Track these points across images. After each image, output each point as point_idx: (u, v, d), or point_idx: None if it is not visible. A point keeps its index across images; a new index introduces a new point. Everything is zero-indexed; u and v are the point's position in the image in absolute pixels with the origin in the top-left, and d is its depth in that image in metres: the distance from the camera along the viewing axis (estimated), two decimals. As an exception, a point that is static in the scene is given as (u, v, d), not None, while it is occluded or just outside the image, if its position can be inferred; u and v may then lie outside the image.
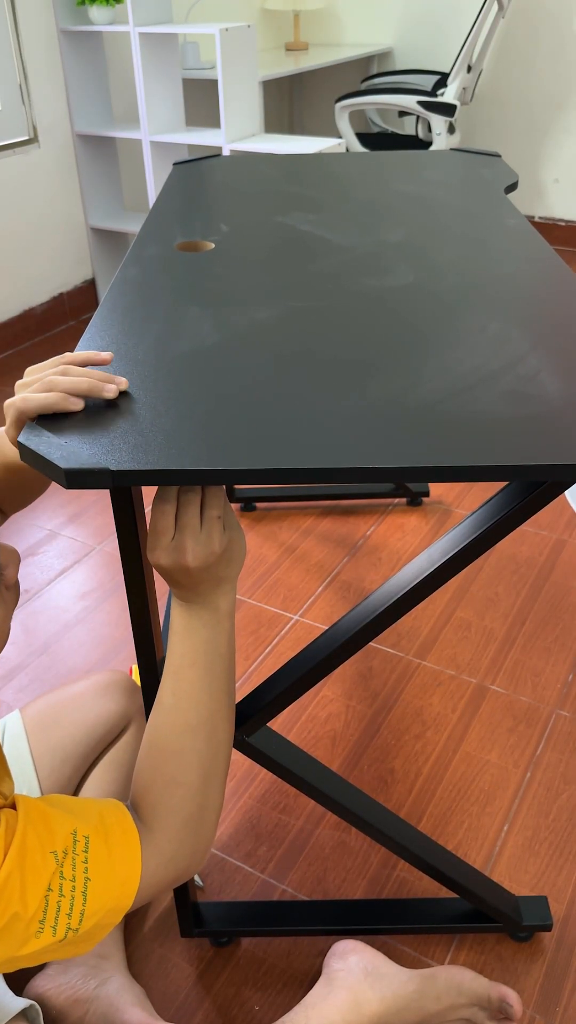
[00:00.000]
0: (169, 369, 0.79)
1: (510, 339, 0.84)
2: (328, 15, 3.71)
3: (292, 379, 0.76)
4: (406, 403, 0.72)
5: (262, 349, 0.83)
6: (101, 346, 0.84)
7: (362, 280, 1.00)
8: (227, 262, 1.07)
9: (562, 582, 1.71)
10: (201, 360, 0.80)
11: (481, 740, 1.38)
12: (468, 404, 0.71)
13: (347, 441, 0.66)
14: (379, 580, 1.73)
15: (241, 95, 2.74)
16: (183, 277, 1.02)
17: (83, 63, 2.82)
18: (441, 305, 0.92)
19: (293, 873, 1.19)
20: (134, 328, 0.88)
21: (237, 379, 0.77)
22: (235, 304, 0.93)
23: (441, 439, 0.66)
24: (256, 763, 1.07)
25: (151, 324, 0.89)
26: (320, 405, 0.72)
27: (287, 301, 0.94)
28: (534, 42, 3.35)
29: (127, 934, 1.13)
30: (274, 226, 1.20)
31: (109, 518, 1.97)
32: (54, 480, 0.64)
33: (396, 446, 0.65)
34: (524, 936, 1.11)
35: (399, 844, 1.02)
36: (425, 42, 3.55)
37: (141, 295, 0.97)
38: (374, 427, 0.68)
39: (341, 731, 1.41)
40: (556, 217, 3.63)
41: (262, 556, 1.82)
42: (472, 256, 1.07)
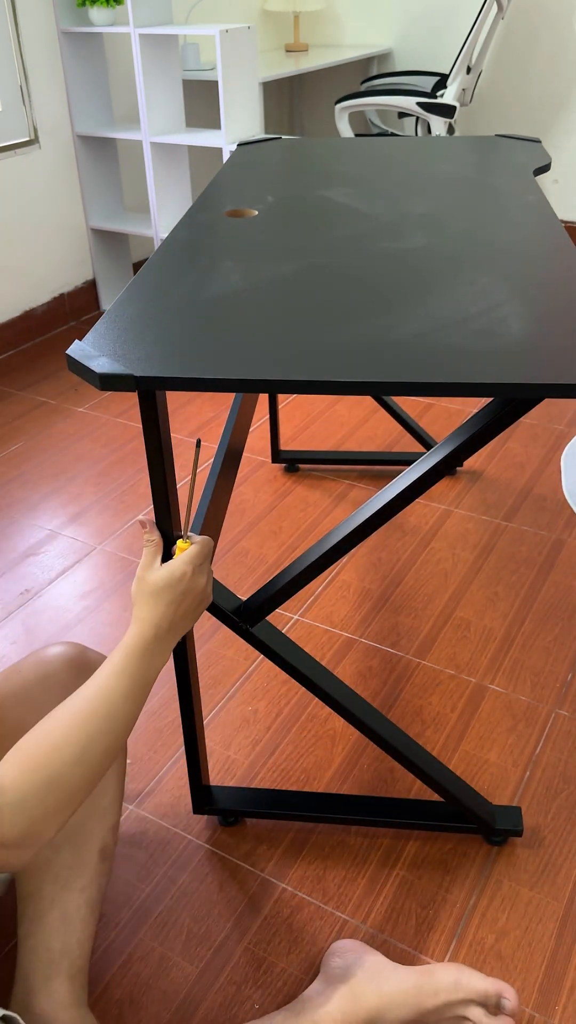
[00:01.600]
0: (198, 308, 0.94)
1: (494, 291, 0.95)
2: (328, 16, 3.71)
3: (299, 317, 0.90)
4: (390, 337, 0.85)
5: (278, 294, 0.96)
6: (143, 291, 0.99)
7: (379, 243, 1.11)
8: (265, 227, 1.20)
9: (561, 582, 1.72)
10: (226, 301, 0.95)
11: (480, 739, 1.38)
12: (442, 338, 0.84)
13: (334, 362, 0.80)
14: (379, 579, 1.74)
15: (241, 96, 2.75)
16: (224, 238, 1.16)
17: (83, 64, 2.83)
18: (443, 263, 1.04)
19: (293, 872, 1.20)
20: (174, 276, 1.04)
21: (253, 316, 0.91)
22: (264, 260, 1.07)
23: (413, 363, 0.79)
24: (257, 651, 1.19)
25: (189, 274, 1.04)
26: (318, 336, 0.85)
27: (309, 258, 1.07)
28: (533, 43, 3.36)
29: (125, 935, 1.13)
30: (314, 198, 1.32)
31: (109, 518, 1.97)
32: (90, 383, 0.82)
33: (375, 367, 0.79)
34: (499, 840, 1.21)
35: (384, 739, 1.13)
36: (425, 43, 3.55)
37: (186, 252, 1.12)
38: (359, 352, 0.82)
39: (341, 730, 1.41)
40: (556, 218, 3.63)
41: (262, 556, 1.82)
42: (486, 225, 1.17)
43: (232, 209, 1.28)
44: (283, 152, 1.64)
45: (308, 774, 1.34)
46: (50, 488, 2.11)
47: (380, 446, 2.21)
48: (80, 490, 2.09)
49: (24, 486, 2.12)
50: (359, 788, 1.31)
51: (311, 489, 2.04)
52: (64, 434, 2.35)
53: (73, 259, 3.05)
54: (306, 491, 2.03)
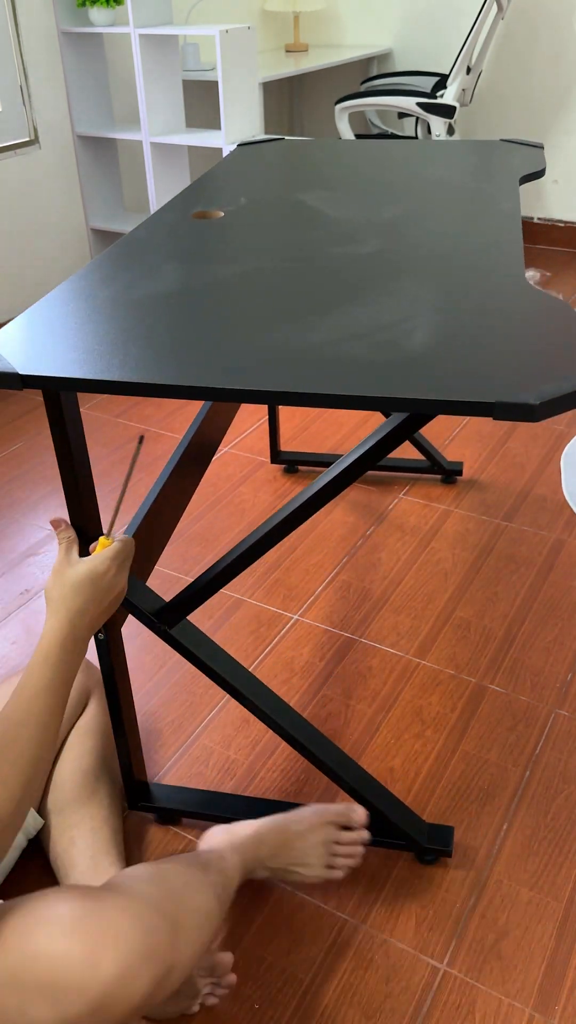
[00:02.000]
0: (120, 309, 0.94)
1: (417, 301, 0.93)
2: (328, 16, 3.72)
3: (215, 321, 0.90)
4: (294, 345, 0.84)
5: (206, 298, 0.97)
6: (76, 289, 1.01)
7: (331, 248, 1.10)
8: (225, 229, 1.20)
9: (561, 582, 1.72)
10: (150, 303, 0.96)
11: (480, 739, 1.38)
12: (345, 349, 0.83)
13: (227, 368, 0.80)
14: (379, 579, 1.74)
15: (241, 96, 2.75)
16: (179, 240, 1.16)
17: (83, 64, 2.83)
18: (384, 271, 1.02)
19: (293, 872, 1.20)
20: (111, 275, 1.04)
21: (169, 319, 0.91)
22: (208, 263, 1.07)
23: (305, 372, 0.79)
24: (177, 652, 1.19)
25: (127, 273, 1.05)
26: (226, 341, 0.85)
27: (254, 263, 1.06)
28: (533, 43, 3.36)
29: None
30: (288, 201, 1.32)
31: (109, 518, 1.97)
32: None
33: (273, 376, 0.78)
34: (430, 859, 1.20)
35: (304, 745, 1.13)
36: (425, 44, 3.55)
37: (135, 251, 1.12)
38: (257, 359, 0.82)
39: (341, 730, 1.41)
40: (555, 218, 3.63)
41: (262, 556, 1.82)
42: (446, 233, 1.15)
43: (199, 211, 1.28)
44: (279, 153, 1.64)
45: (308, 774, 1.34)
46: (50, 488, 2.11)
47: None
48: (80, 490, 2.09)
49: (24, 486, 2.12)
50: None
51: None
52: (64, 434, 2.35)
53: (73, 259, 3.05)
54: (306, 491, 2.03)
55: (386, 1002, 1.05)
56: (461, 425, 2.31)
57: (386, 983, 1.07)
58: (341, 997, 1.06)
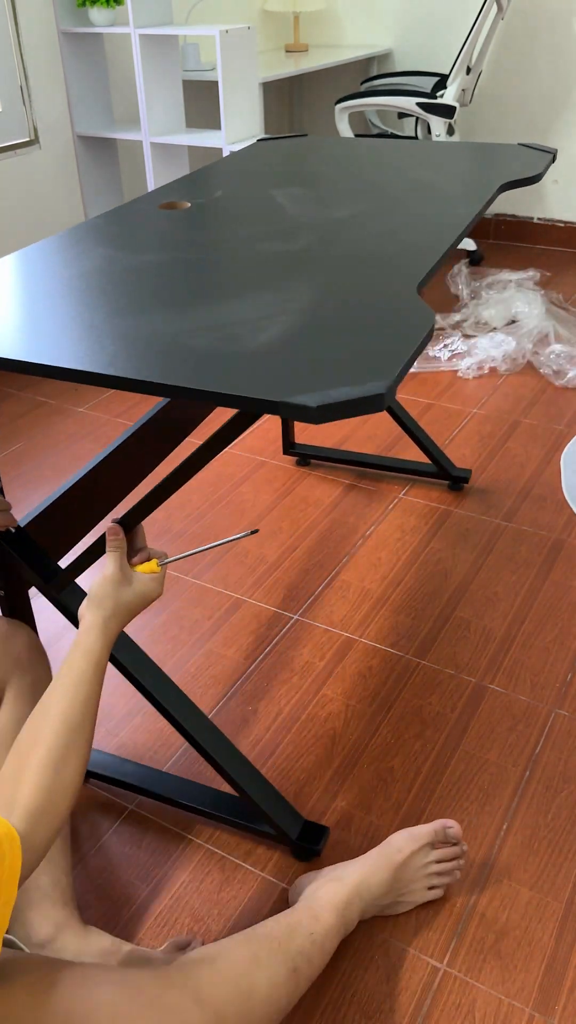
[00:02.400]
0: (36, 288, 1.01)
1: (290, 300, 0.95)
2: (328, 17, 3.72)
3: (101, 305, 0.95)
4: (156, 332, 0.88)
5: (109, 282, 1.02)
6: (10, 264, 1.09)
7: (264, 243, 1.14)
8: (181, 220, 1.23)
9: (561, 582, 1.72)
10: (59, 284, 1.02)
11: (480, 739, 1.38)
12: (192, 339, 0.86)
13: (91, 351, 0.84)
14: (379, 579, 1.74)
15: (241, 96, 2.75)
16: (129, 228, 1.20)
17: (84, 64, 2.83)
18: (287, 268, 1.05)
19: (294, 871, 1.20)
20: (44, 258, 1.10)
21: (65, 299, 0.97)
22: (139, 251, 1.11)
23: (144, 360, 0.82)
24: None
25: (59, 256, 1.10)
26: (103, 325, 0.90)
27: (180, 252, 1.11)
28: (533, 43, 3.36)
29: (125, 935, 1.13)
30: (258, 197, 1.34)
31: (109, 520, 1.97)
32: None
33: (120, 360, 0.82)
34: (302, 856, 1.21)
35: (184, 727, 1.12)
36: (424, 44, 3.55)
37: (82, 237, 1.17)
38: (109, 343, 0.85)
39: (341, 730, 1.41)
40: (555, 218, 3.63)
41: (262, 556, 1.82)
42: (382, 233, 1.17)
43: (167, 202, 1.31)
44: (292, 149, 1.65)
45: (308, 774, 1.34)
46: (50, 488, 2.11)
47: (382, 443, 2.22)
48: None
49: (24, 486, 2.12)
50: (358, 788, 1.31)
51: (311, 489, 2.04)
52: (64, 434, 2.35)
53: (73, 259, 3.05)
54: (306, 491, 2.04)
55: (386, 1002, 1.05)
56: (461, 425, 2.31)
57: (386, 983, 1.07)
58: (341, 997, 1.06)
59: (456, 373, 2.59)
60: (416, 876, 1.11)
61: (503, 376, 2.57)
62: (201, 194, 1.36)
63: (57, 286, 1.02)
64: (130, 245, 1.15)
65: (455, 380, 2.56)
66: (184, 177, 1.44)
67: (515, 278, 3.04)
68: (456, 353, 2.68)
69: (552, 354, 2.61)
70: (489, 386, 2.52)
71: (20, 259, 1.12)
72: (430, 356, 2.68)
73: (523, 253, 3.62)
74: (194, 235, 1.18)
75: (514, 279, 3.04)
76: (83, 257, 1.11)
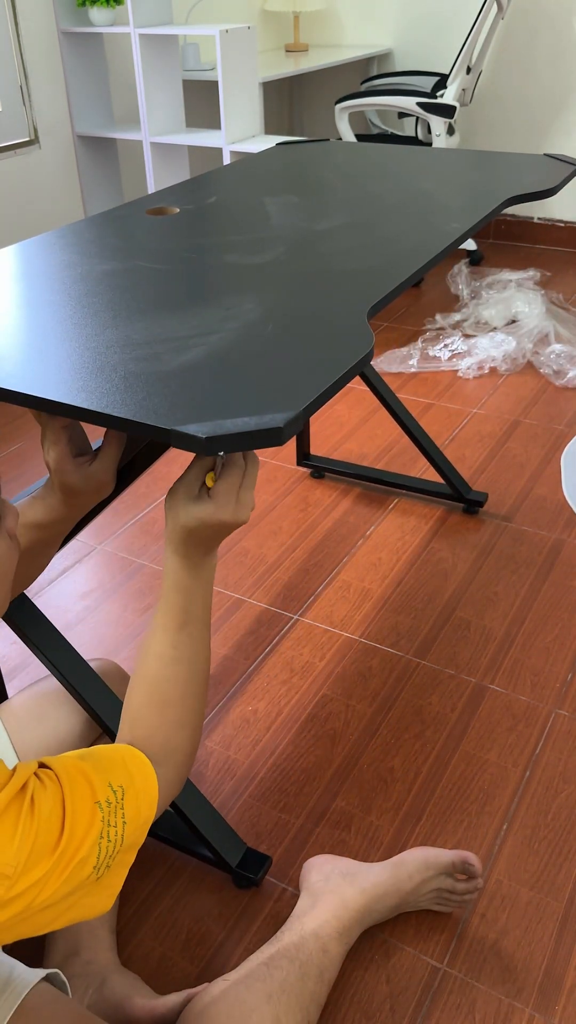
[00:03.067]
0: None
1: (231, 317, 0.92)
2: (328, 16, 3.71)
3: (43, 317, 0.94)
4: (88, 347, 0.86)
5: (61, 292, 1.01)
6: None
7: (232, 255, 1.11)
8: (162, 227, 1.23)
9: (561, 581, 1.72)
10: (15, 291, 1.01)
11: (480, 739, 1.38)
12: (116, 357, 0.84)
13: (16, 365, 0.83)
14: (379, 579, 1.74)
15: (241, 96, 2.75)
16: (108, 233, 1.20)
17: (84, 64, 2.83)
18: (248, 282, 1.02)
19: (294, 871, 1.20)
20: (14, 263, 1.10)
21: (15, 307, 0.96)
22: (101, 258, 1.11)
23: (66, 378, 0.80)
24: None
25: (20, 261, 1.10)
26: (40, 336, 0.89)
27: (141, 261, 1.09)
28: (533, 43, 3.36)
29: (125, 934, 1.13)
30: (249, 204, 1.33)
31: (110, 518, 1.97)
32: None
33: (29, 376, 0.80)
34: (243, 883, 1.17)
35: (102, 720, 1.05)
36: (425, 43, 3.55)
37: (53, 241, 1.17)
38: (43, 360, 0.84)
39: (341, 730, 1.41)
40: (555, 218, 3.63)
41: (262, 556, 1.82)
42: (358, 247, 1.14)
43: (155, 207, 1.29)
44: (304, 156, 1.64)
45: (308, 774, 1.34)
46: (50, 488, 2.11)
47: (380, 446, 2.21)
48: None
49: (24, 486, 2.12)
50: (359, 787, 1.31)
51: (311, 489, 2.04)
52: (64, 434, 2.35)
53: (73, 259, 3.05)
54: (306, 491, 2.04)
55: (386, 1002, 1.05)
56: (461, 425, 2.31)
57: (386, 983, 1.07)
58: (341, 997, 1.06)
59: (456, 373, 2.59)
60: (424, 898, 1.11)
61: (503, 376, 2.57)
62: (196, 199, 1.35)
63: (5, 294, 1.00)
64: (97, 251, 1.13)
65: (455, 380, 2.56)
66: (189, 180, 1.42)
67: (515, 278, 3.04)
68: (456, 353, 2.68)
69: (552, 354, 2.60)
70: (489, 386, 2.52)
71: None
72: (430, 356, 2.68)
73: (523, 253, 3.62)
74: (166, 243, 1.16)
75: (514, 279, 3.04)
76: (41, 263, 1.10)
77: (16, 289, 1.02)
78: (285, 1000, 0.93)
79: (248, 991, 0.93)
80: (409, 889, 1.09)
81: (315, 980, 0.98)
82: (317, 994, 0.97)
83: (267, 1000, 0.92)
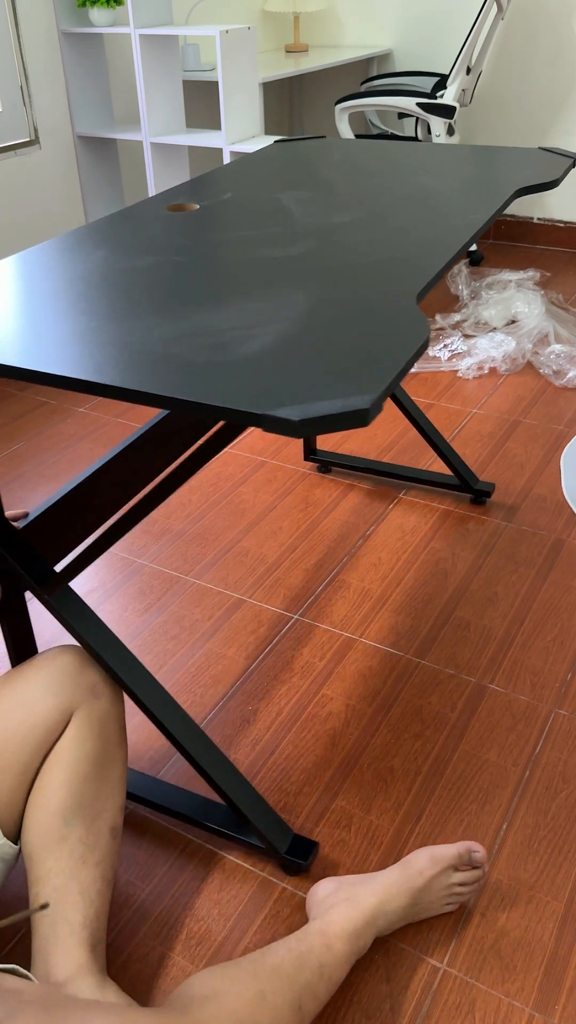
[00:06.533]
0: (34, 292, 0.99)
1: (284, 308, 0.93)
2: (328, 17, 3.72)
3: (92, 309, 0.94)
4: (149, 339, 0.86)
5: (101, 286, 1.01)
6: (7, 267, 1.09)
7: (264, 249, 1.12)
8: (186, 222, 1.23)
9: (561, 581, 1.72)
10: (52, 289, 1.01)
11: (480, 739, 1.38)
12: (181, 348, 0.84)
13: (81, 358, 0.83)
14: (379, 579, 1.74)
15: (241, 97, 2.75)
16: (131, 229, 1.20)
17: (84, 65, 2.83)
18: (288, 274, 1.03)
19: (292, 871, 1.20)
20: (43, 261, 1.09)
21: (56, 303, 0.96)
22: (135, 253, 1.11)
23: (140, 370, 0.81)
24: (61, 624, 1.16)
25: (58, 259, 1.10)
26: (95, 331, 0.89)
27: (175, 255, 1.10)
28: (533, 43, 3.36)
29: (125, 934, 1.13)
30: (264, 199, 1.33)
31: (109, 518, 1.97)
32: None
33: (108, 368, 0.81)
34: (291, 870, 1.19)
35: (175, 736, 1.11)
36: (424, 44, 3.55)
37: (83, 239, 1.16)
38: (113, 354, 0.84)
39: (341, 730, 1.41)
40: (555, 218, 3.63)
41: (262, 556, 1.82)
42: (383, 239, 1.15)
43: (176, 203, 1.30)
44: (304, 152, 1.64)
45: (308, 774, 1.34)
46: (50, 488, 2.11)
47: (381, 445, 2.22)
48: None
49: (24, 486, 2.12)
50: (358, 788, 1.31)
51: (311, 489, 2.04)
52: (64, 434, 2.35)
53: (73, 259, 3.05)
54: (306, 491, 2.04)
55: (386, 1002, 1.05)
56: (461, 425, 2.31)
57: (386, 983, 1.07)
58: (341, 997, 1.06)
59: (456, 373, 2.59)
60: (435, 897, 1.10)
61: (503, 376, 2.57)
62: (211, 195, 1.36)
63: (53, 290, 1.01)
64: (130, 247, 1.14)
65: (455, 380, 2.56)
66: (196, 178, 1.43)
67: (515, 278, 3.04)
68: (456, 353, 2.68)
69: (552, 354, 2.61)
70: (489, 386, 2.52)
71: (20, 261, 1.12)
72: (430, 356, 2.68)
73: (523, 253, 3.62)
74: (196, 238, 1.17)
75: (514, 279, 3.04)
76: (81, 260, 1.11)
77: (63, 288, 1.02)
78: (275, 981, 0.91)
79: (236, 968, 0.91)
80: (420, 886, 1.08)
81: (312, 972, 0.95)
82: (313, 986, 0.94)
83: (253, 976, 0.90)
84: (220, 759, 1.16)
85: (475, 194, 1.35)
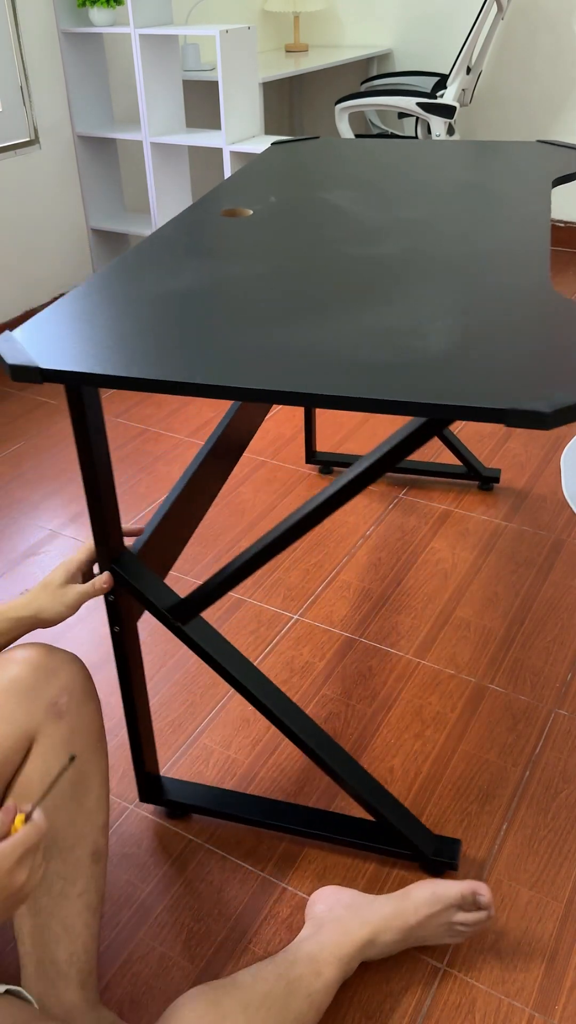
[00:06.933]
0: (140, 306, 0.95)
1: (433, 304, 0.92)
2: (328, 17, 3.72)
3: (233, 321, 0.90)
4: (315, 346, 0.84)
5: (225, 296, 0.97)
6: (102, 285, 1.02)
7: (354, 248, 1.10)
8: (253, 227, 1.20)
9: (561, 582, 1.72)
10: (171, 301, 0.96)
11: (480, 739, 1.39)
12: (362, 351, 0.82)
13: (251, 368, 0.80)
14: (379, 579, 1.74)
15: (241, 97, 2.75)
16: (207, 237, 1.17)
17: (84, 64, 2.83)
18: (401, 272, 1.02)
19: (294, 871, 1.20)
20: (135, 273, 1.05)
21: (190, 316, 0.92)
22: (230, 260, 1.08)
23: (330, 375, 0.78)
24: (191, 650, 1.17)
25: (150, 271, 1.05)
26: (246, 341, 0.85)
27: (277, 260, 1.07)
28: (533, 43, 3.36)
29: (125, 934, 1.13)
30: (314, 200, 1.32)
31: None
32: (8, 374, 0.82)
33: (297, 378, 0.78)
34: (436, 871, 1.18)
35: (312, 748, 1.11)
36: (424, 44, 3.55)
37: (163, 249, 1.13)
38: (281, 360, 0.81)
39: (341, 730, 1.41)
40: (555, 218, 3.63)
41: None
42: (468, 233, 1.14)
43: (228, 208, 1.28)
44: (310, 153, 1.64)
45: (308, 774, 1.34)
46: (50, 488, 2.11)
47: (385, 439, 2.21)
48: (80, 490, 2.09)
49: (24, 486, 2.12)
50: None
51: (310, 489, 2.04)
52: (64, 434, 2.35)
53: (73, 259, 3.05)
54: (305, 491, 2.04)
55: (386, 1002, 1.05)
56: (461, 425, 2.31)
57: (386, 983, 1.07)
58: (341, 997, 1.06)
59: (456, 373, 2.59)
60: (432, 933, 1.07)
61: (503, 376, 2.57)
62: (249, 200, 1.33)
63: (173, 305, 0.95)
64: (219, 256, 1.10)
65: (455, 380, 2.55)
66: (217, 187, 1.40)
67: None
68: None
69: (552, 354, 2.60)
70: (489, 386, 2.51)
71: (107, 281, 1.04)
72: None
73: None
74: (276, 242, 1.14)
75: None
76: (178, 272, 1.05)
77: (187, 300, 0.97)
78: (264, 1013, 0.90)
79: (227, 996, 0.90)
80: (414, 923, 1.05)
81: (302, 1000, 0.95)
82: (302, 1014, 0.94)
83: (243, 1009, 0.89)
84: (357, 768, 1.15)
85: (517, 185, 1.35)
